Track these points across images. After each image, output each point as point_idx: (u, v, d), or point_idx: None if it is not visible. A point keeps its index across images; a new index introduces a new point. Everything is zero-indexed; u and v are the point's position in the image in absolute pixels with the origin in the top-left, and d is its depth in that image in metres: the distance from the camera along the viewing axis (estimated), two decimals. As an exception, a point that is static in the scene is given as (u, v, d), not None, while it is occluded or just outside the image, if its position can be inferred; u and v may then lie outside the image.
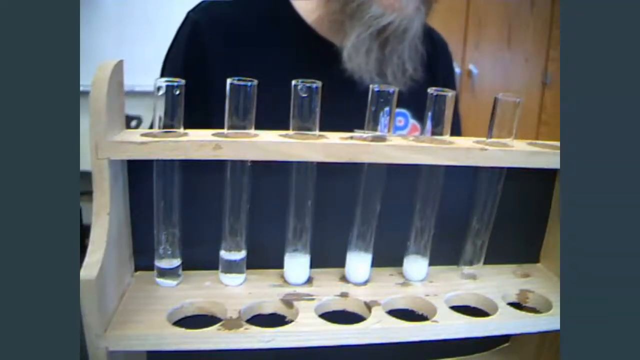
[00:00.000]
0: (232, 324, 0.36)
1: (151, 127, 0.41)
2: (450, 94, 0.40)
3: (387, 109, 0.39)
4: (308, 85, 0.37)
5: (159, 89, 0.36)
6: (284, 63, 0.58)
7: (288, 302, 0.40)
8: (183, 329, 0.36)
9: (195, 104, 0.50)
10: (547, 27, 2.08)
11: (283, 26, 0.62)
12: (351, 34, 0.55)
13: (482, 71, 2.06)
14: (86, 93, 0.33)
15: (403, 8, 0.54)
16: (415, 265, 0.45)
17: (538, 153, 0.41)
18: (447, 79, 0.71)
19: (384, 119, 0.39)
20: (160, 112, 0.37)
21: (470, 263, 0.46)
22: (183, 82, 0.37)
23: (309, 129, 0.38)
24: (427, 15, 0.59)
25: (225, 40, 0.59)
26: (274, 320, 0.39)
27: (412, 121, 0.65)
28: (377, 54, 0.56)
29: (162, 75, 0.61)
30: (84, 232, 0.42)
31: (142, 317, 0.37)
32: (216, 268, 0.42)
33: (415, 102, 0.59)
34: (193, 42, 0.58)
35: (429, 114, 0.40)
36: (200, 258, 0.43)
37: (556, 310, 0.42)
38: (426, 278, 0.45)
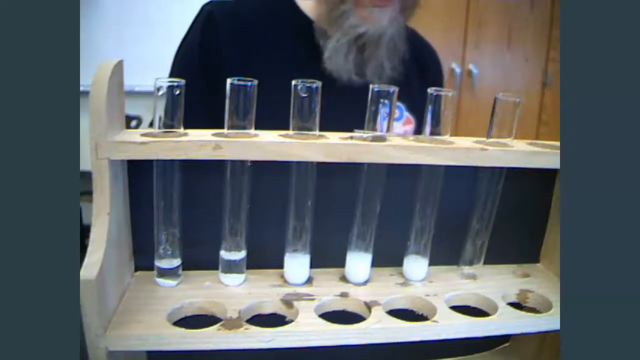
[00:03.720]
0: (232, 324, 0.36)
1: (151, 124, 0.41)
2: (450, 93, 0.40)
3: (386, 102, 0.39)
4: (308, 85, 0.37)
5: (159, 89, 0.36)
6: (291, 58, 0.63)
7: (288, 302, 0.40)
8: (183, 329, 0.36)
9: (210, 91, 0.53)
10: (547, 27, 2.08)
11: (289, 22, 0.66)
12: (332, 37, 0.62)
13: (482, 71, 2.06)
14: (86, 93, 0.33)
15: (377, 20, 0.61)
16: (415, 265, 0.45)
17: (538, 153, 0.41)
18: (435, 82, 0.77)
19: (383, 110, 0.39)
20: (160, 112, 0.37)
21: (470, 263, 0.46)
22: (183, 82, 0.37)
23: (309, 129, 0.38)
24: (407, 19, 0.66)
25: (237, 33, 0.63)
26: (274, 320, 0.39)
27: (407, 114, 0.69)
28: (356, 57, 0.62)
29: (175, 60, 0.65)
30: (84, 232, 0.42)
31: (142, 317, 0.37)
32: (216, 268, 0.42)
33: (407, 97, 0.67)
34: (208, 30, 0.63)
35: (429, 114, 0.40)
36: (200, 258, 0.43)
37: (556, 310, 0.42)
38: (426, 278, 0.45)
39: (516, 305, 0.43)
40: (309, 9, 0.67)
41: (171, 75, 0.65)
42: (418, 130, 0.70)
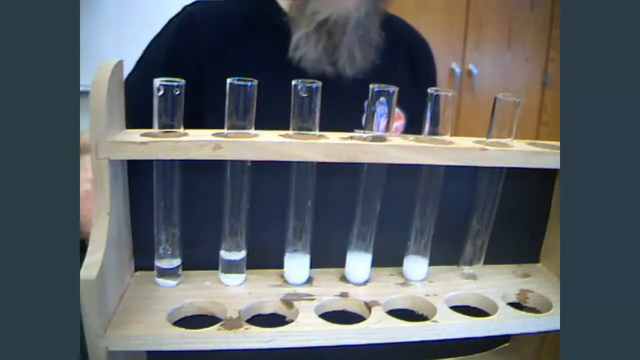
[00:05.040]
0: (232, 324, 0.36)
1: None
2: (449, 93, 0.40)
3: (383, 99, 0.39)
4: (308, 85, 0.37)
5: (158, 89, 0.36)
6: (272, 59, 0.62)
7: (288, 302, 0.40)
8: (183, 329, 0.36)
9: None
10: (547, 27, 2.08)
11: (271, 24, 0.65)
12: (301, 26, 0.61)
13: (482, 71, 2.06)
14: (86, 93, 0.33)
15: (339, 4, 0.60)
16: (415, 265, 0.45)
17: (538, 153, 0.41)
18: (428, 76, 0.75)
19: (380, 109, 0.39)
20: (160, 112, 0.37)
21: (470, 263, 0.46)
22: (183, 82, 0.37)
23: (309, 129, 0.38)
24: (380, 7, 0.64)
25: (217, 33, 0.62)
26: (274, 320, 0.39)
27: (397, 110, 0.67)
28: (325, 45, 0.61)
29: (146, 51, 0.65)
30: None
31: (142, 317, 0.37)
32: (216, 268, 0.42)
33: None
34: (186, 28, 0.62)
35: (428, 113, 0.40)
36: (200, 258, 0.43)
37: (556, 310, 0.42)
38: (426, 278, 0.45)
39: (516, 305, 0.43)
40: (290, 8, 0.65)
41: (135, 69, 0.64)
42: (408, 126, 0.69)
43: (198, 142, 0.36)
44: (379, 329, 0.38)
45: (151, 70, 0.41)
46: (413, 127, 0.67)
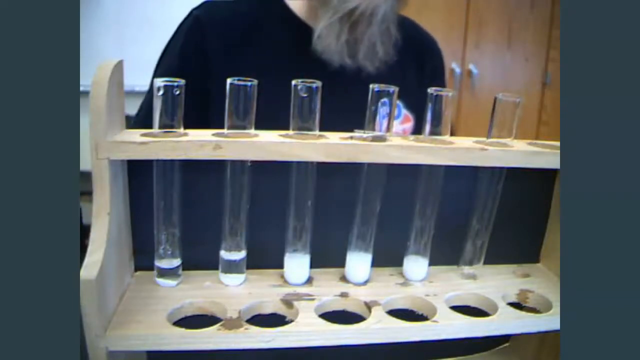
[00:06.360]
0: (232, 324, 0.36)
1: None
2: (450, 93, 0.40)
3: (385, 100, 0.39)
4: (308, 85, 0.37)
5: (158, 89, 0.36)
6: (282, 62, 0.61)
7: (288, 302, 0.40)
8: (183, 329, 0.36)
9: (191, 92, 0.53)
10: (547, 27, 2.08)
11: (281, 26, 0.65)
12: (323, 18, 0.59)
13: (482, 71, 2.06)
14: (86, 93, 0.33)
15: None
16: (415, 265, 0.45)
17: (538, 153, 0.41)
18: (434, 74, 0.74)
19: (382, 109, 0.39)
20: (160, 112, 0.37)
21: (470, 263, 0.46)
22: (183, 82, 0.37)
23: (309, 129, 0.38)
24: (400, 3, 0.63)
25: (224, 36, 0.62)
26: (274, 320, 0.39)
27: (405, 111, 0.67)
28: (348, 37, 0.59)
29: (159, 63, 0.65)
30: (84, 232, 0.42)
31: (142, 317, 0.37)
32: (216, 268, 0.42)
33: (406, 94, 0.62)
34: (194, 33, 0.62)
35: (429, 113, 0.40)
36: (200, 258, 0.43)
37: (556, 310, 0.42)
38: (426, 278, 0.45)
39: (516, 305, 0.43)
40: (299, 9, 0.65)
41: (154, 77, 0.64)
42: (417, 128, 0.68)
43: (198, 142, 0.36)
44: (379, 329, 0.38)
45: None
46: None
